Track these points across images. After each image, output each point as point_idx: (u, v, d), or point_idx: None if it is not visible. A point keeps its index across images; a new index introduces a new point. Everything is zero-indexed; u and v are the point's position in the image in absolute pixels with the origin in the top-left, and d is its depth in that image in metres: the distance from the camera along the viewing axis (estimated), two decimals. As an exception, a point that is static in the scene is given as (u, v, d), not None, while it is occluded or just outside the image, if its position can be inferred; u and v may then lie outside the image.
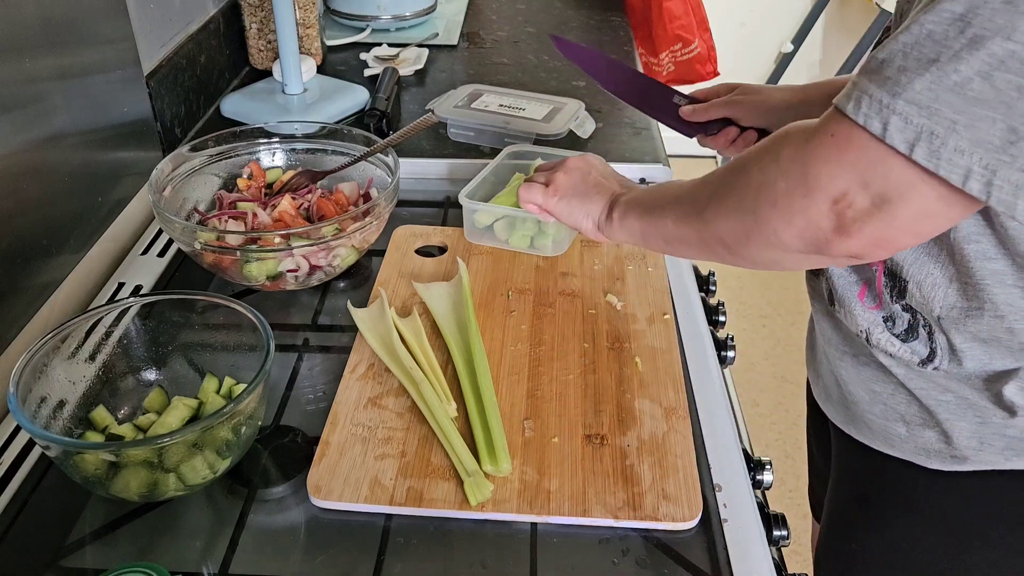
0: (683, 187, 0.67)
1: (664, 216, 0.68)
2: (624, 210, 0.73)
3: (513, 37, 1.58)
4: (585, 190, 0.77)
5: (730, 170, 0.61)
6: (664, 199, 0.69)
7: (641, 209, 0.71)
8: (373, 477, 0.67)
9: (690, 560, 0.62)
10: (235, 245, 0.84)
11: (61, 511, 0.66)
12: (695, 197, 0.64)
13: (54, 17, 0.84)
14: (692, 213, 0.64)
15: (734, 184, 0.59)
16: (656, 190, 0.72)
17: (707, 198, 0.62)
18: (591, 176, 0.79)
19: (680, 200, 0.66)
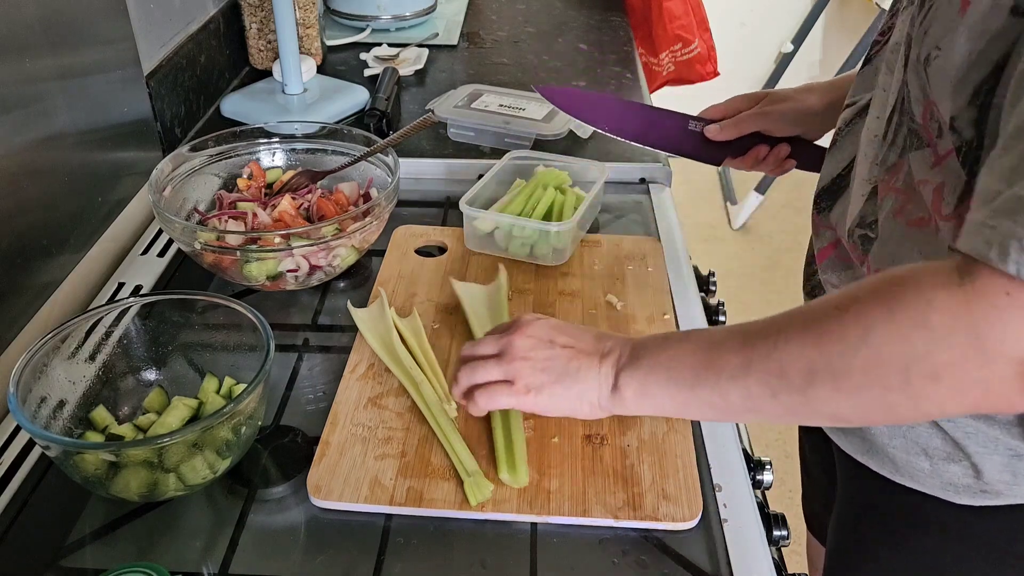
0: (735, 350, 0.54)
1: (718, 388, 0.55)
2: (640, 381, 0.59)
3: (513, 37, 1.58)
4: (562, 368, 0.62)
5: (828, 338, 0.50)
6: (706, 366, 0.56)
7: (667, 377, 0.58)
8: (373, 477, 0.67)
9: (690, 560, 0.62)
10: (235, 245, 0.84)
11: (61, 511, 0.66)
12: (780, 371, 0.52)
13: (54, 17, 0.84)
14: (781, 390, 0.52)
15: (853, 360, 0.49)
16: (679, 348, 0.58)
17: (806, 374, 0.51)
18: (556, 347, 0.63)
19: (748, 371, 0.53)
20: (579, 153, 1.14)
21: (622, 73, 1.43)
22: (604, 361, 0.61)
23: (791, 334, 0.52)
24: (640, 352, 0.60)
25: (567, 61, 1.47)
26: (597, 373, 0.61)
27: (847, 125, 0.73)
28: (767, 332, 0.53)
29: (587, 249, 0.95)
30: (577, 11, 1.72)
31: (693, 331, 0.60)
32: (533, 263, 0.92)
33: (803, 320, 0.52)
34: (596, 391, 0.61)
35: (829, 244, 0.73)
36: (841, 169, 0.73)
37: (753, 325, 0.55)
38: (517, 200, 0.95)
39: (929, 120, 0.58)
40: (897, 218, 0.63)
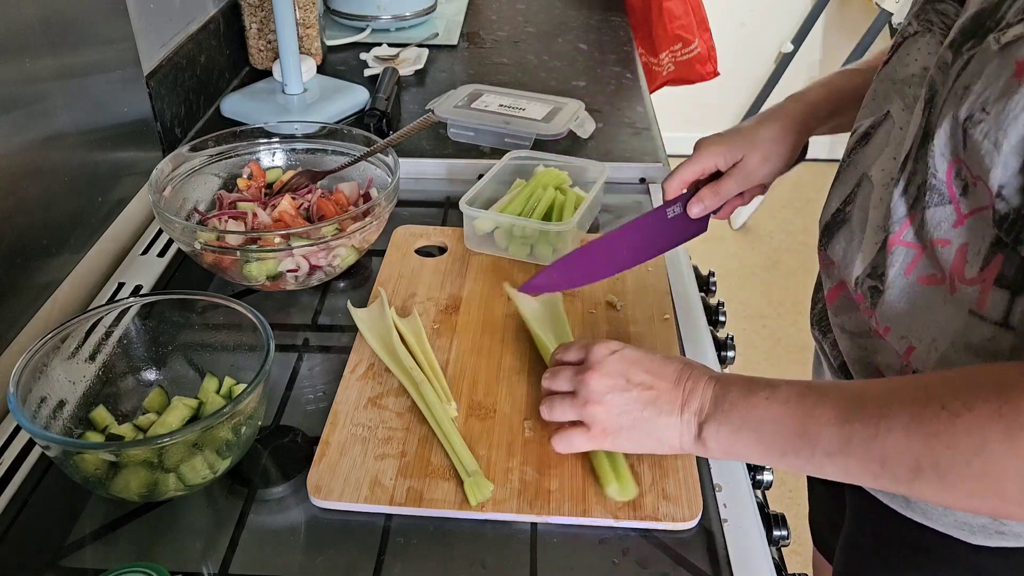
0: (833, 423, 0.52)
1: (812, 460, 0.53)
2: (728, 438, 0.57)
3: (513, 37, 1.58)
4: (640, 413, 0.60)
5: (937, 441, 0.48)
6: (800, 435, 0.53)
7: (757, 439, 0.56)
8: (373, 477, 0.67)
9: (690, 560, 0.62)
10: (235, 245, 0.84)
11: (61, 511, 0.66)
12: (882, 459, 0.50)
13: (54, 17, 0.84)
14: (883, 476, 0.50)
15: (965, 469, 0.47)
16: (770, 409, 0.55)
17: (912, 469, 0.49)
18: (632, 388, 0.61)
19: (847, 451, 0.51)
20: (579, 153, 1.14)
21: (622, 73, 1.43)
22: (686, 408, 0.59)
23: (894, 423, 0.49)
24: (726, 404, 0.57)
25: (567, 61, 1.47)
26: (679, 421, 0.59)
27: (848, 156, 0.69)
28: (868, 412, 0.51)
29: (587, 249, 0.95)
30: (577, 11, 1.72)
31: (783, 385, 0.56)
32: (533, 263, 0.92)
33: (908, 412, 0.49)
34: (678, 437, 0.60)
35: (837, 285, 0.69)
36: (841, 203, 0.69)
37: (850, 393, 0.53)
38: (517, 200, 0.95)
39: (954, 178, 0.55)
40: (907, 275, 0.60)
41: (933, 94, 0.56)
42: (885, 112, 0.65)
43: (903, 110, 0.63)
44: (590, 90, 1.35)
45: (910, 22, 0.64)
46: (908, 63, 0.63)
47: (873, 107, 0.66)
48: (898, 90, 0.63)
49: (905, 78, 0.63)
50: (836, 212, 0.69)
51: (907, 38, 0.64)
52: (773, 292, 2.63)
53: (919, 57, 0.62)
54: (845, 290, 0.68)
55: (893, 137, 0.63)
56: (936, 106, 0.56)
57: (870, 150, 0.66)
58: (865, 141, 0.67)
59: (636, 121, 1.25)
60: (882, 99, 0.65)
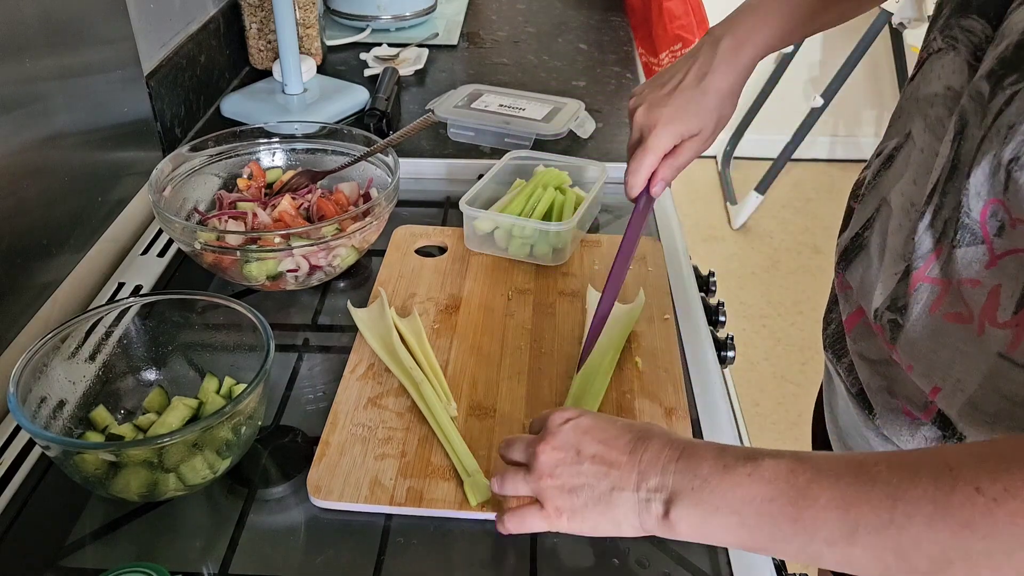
0: (834, 508, 0.45)
1: (808, 549, 0.46)
2: (700, 520, 0.50)
3: (513, 37, 1.58)
4: (593, 490, 0.54)
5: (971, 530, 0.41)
6: (793, 520, 0.46)
7: (739, 523, 0.48)
8: (373, 477, 0.67)
9: (690, 560, 0.62)
10: (235, 245, 0.84)
11: (61, 511, 0.66)
12: (899, 550, 0.43)
13: (54, 17, 0.84)
14: (900, 571, 0.44)
15: (1006, 562, 0.41)
16: (752, 488, 0.48)
17: (938, 562, 0.42)
18: (584, 461, 0.54)
19: (852, 540, 0.44)
20: (579, 153, 1.14)
21: (622, 73, 1.43)
22: (642, 484, 0.52)
23: (914, 511, 0.42)
24: (697, 480, 0.50)
25: (567, 61, 1.48)
26: (635, 498, 0.52)
27: (873, 179, 0.65)
28: (877, 495, 0.44)
29: (587, 249, 0.95)
30: (577, 11, 1.72)
31: (766, 459, 0.48)
32: (533, 263, 0.92)
33: (930, 497, 0.42)
34: (636, 517, 0.52)
35: (856, 311, 0.66)
36: (859, 228, 0.66)
37: (851, 470, 0.46)
38: (517, 200, 0.95)
39: (989, 218, 0.51)
40: (933, 311, 0.56)
41: (964, 125, 0.53)
42: (907, 133, 0.62)
43: (924, 131, 0.60)
44: (590, 90, 1.35)
45: (934, 37, 0.60)
46: (931, 80, 0.60)
47: (899, 127, 0.63)
48: (920, 110, 0.60)
49: (927, 97, 0.60)
50: (855, 236, 0.66)
51: (931, 55, 0.60)
52: (773, 292, 2.63)
53: (942, 75, 0.58)
54: (864, 317, 0.65)
55: (913, 160, 0.60)
56: (968, 139, 0.52)
57: (891, 174, 0.63)
58: (889, 164, 0.64)
59: (636, 121, 1.25)
60: (906, 119, 0.63)
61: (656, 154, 0.76)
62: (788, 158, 2.91)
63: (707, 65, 0.76)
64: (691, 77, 0.76)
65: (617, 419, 0.58)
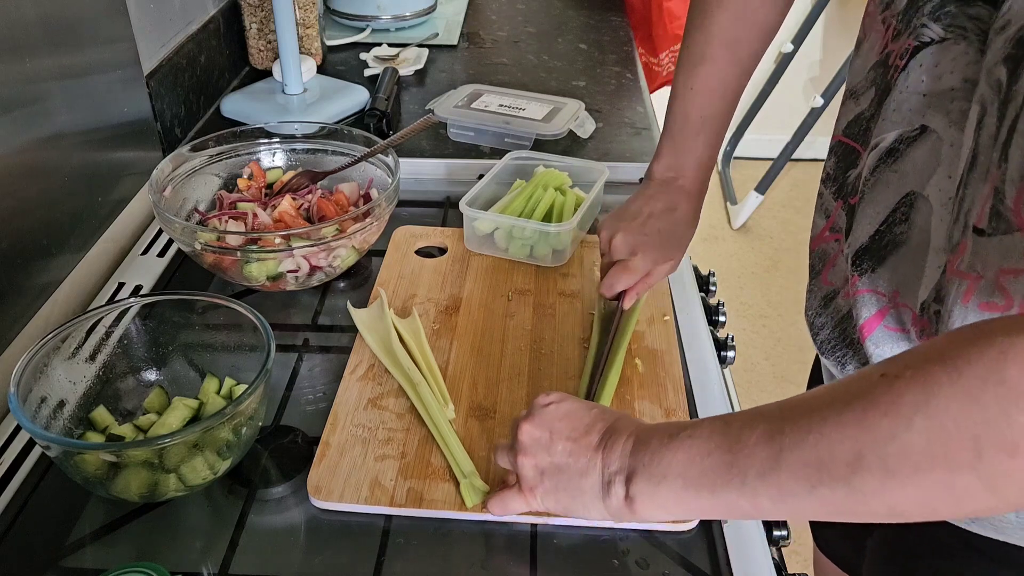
0: (762, 442, 0.46)
1: (744, 490, 0.47)
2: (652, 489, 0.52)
3: (513, 37, 1.58)
4: (562, 473, 0.57)
5: (875, 412, 0.42)
6: (728, 466, 0.48)
7: (683, 485, 0.50)
8: (373, 478, 0.67)
9: (690, 560, 0.62)
10: (235, 245, 0.84)
11: (61, 511, 0.66)
12: (817, 459, 0.44)
13: (54, 17, 0.84)
14: (821, 483, 0.44)
15: (908, 436, 0.41)
16: (693, 448, 0.50)
17: (850, 460, 0.43)
18: (556, 442, 0.57)
19: (778, 465, 0.46)
20: (579, 153, 1.14)
21: (622, 73, 1.43)
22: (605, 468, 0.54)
23: (827, 413, 0.44)
24: (646, 456, 0.52)
25: (567, 61, 1.47)
26: (599, 483, 0.55)
27: (872, 173, 0.63)
28: (798, 415, 0.45)
29: (587, 250, 0.95)
30: (577, 11, 1.72)
31: (705, 422, 0.51)
32: (533, 264, 0.92)
33: (843, 395, 0.44)
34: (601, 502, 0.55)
35: (877, 312, 0.64)
36: (879, 225, 0.63)
37: (779, 408, 0.47)
38: (517, 201, 0.95)
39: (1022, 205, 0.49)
40: (965, 303, 0.55)
41: (983, 114, 0.52)
42: (918, 127, 0.60)
43: (948, 126, 0.58)
44: (590, 90, 1.35)
45: (924, 23, 0.57)
46: (941, 75, 0.57)
47: (897, 120, 0.61)
48: (938, 104, 0.58)
49: (943, 91, 0.58)
50: (875, 235, 0.64)
51: (932, 44, 0.58)
52: (773, 292, 2.63)
53: (956, 68, 0.56)
54: (886, 318, 0.63)
55: (944, 155, 0.58)
56: (986, 128, 0.51)
57: (909, 167, 0.61)
58: (894, 157, 0.62)
59: (636, 121, 1.25)
60: (908, 112, 0.60)
61: (637, 275, 0.82)
62: (788, 158, 2.91)
63: (672, 200, 0.85)
64: (660, 210, 0.84)
65: (595, 407, 0.60)
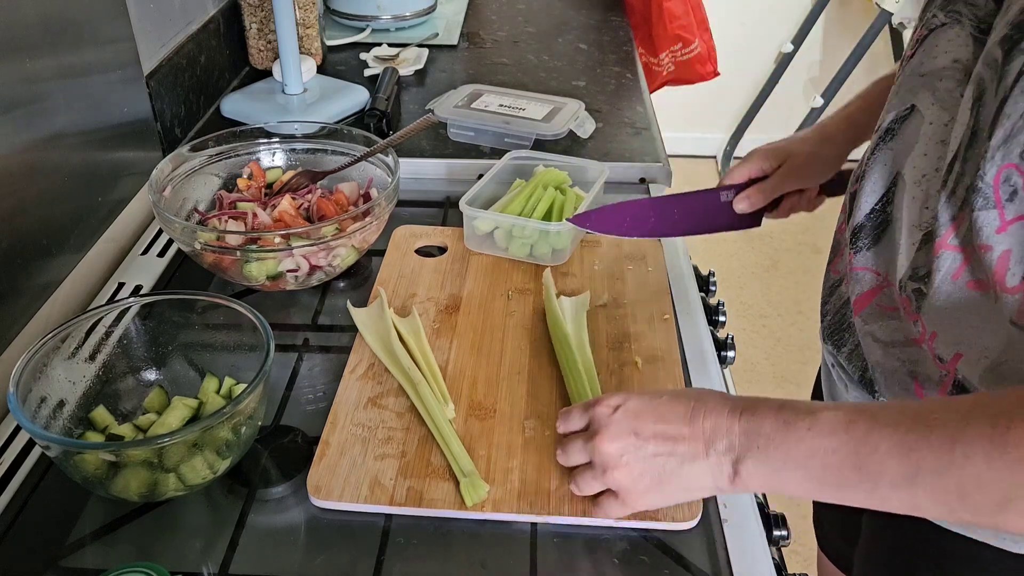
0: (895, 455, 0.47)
1: (875, 494, 0.49)
2: (769, 475, 0.53)
3: (513, 37, 1.58)
4: (663, 466, 0.56)
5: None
6: (856, 468, 0.49)
7: (806, 476, 0.51)
8: (373, 477, 0.67)
9: (690, 560, 0.62)
10: (235, 245, 0.84)
11: (61, 511, 0.66)
12: (960, 491, 0.45)
13: (54, 17, 0.84)
14: (963, 510, 0.46)
15: None
16: (816, 442, 0.50)
17: (998, 501, 0.44)
18: (647, 442, 0.57)
19: (914, 483, 0.47)
20: (579, 153, 1.14)
21: (622, 73, 1.43)
22: (711, 450, 0.55)
23: (973, 451, 0.44)
24: (761, 439, 0.52)
25: (567, 61, 1.47)
26: (706, 465, 0.55)
27: (872, 153, 0.67)
28: (935, 438, 0.46)
29: (587, 249, 0.95)
30: (577, 11, 1.72)
31: (823, 411, 0.51)
32: (533, 263, 0.92)
33: (988, 436, 0.44)
34: (711, 481, 0.55)
35: (869, 290, 0.66)
36: (875, 203, 0.66)
37: (907, 416, 0.48)
38: (517, 200, 0.95)
39: (1002, 183, 0.52)
40: (956, 279, 0.57)
41: (982, 92, 0.54)
42: (909, 107, 0.63)
43: (933, 104, 0.60)
44: (590, 90, 1.35)
45: (934, 14, 0.61)
46: (936, 55, 0.61)
47: (896, 101, 0.64)
48: (927, 84, 0.61)
49: (934, 71, 0.61)
50: (871, 213, 0.66)
51: (933, 30, 0.61)
52: (773, 292, 2.63)
53: (949, 49, 0.59)
54: (879, 296, 0.65)
55: (923, 133, 0.61)
56: (986, 105, 0.53)
57: (898, 146, 0.64)
58: (890, 137, 0.65)
59: (636, 121, 1.25)
60: (905, 93, 0.63)
61: (743, 167, 0.86)
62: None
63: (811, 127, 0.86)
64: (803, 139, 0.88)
65: (662, 392, 0.59)
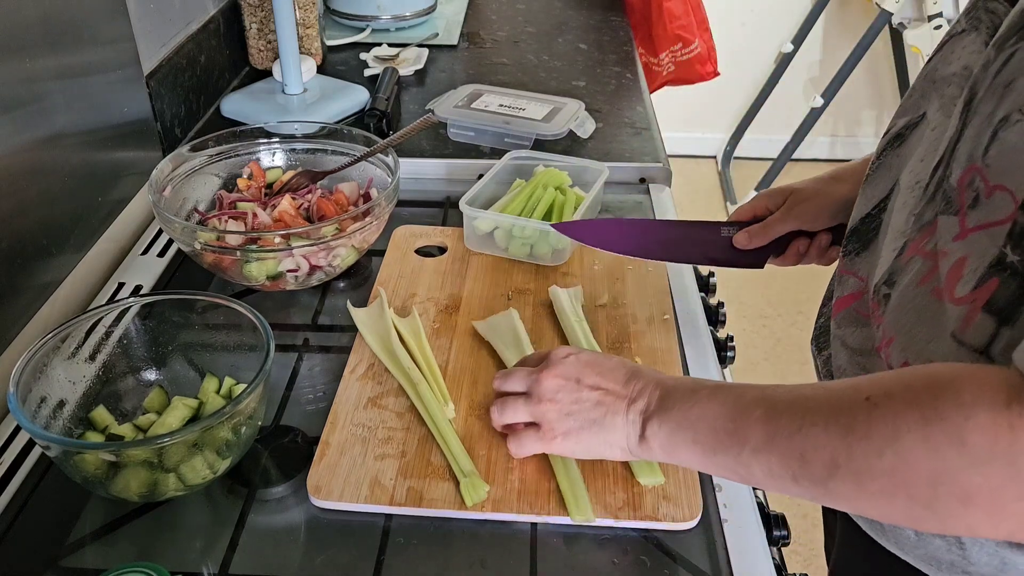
0: (761, 421, 0.51)
1: (740, 459, 0.52)
2: (667, 436, 0.57)
3: (513, 37, 1.58)
4: (589, 413, 0.61)
5: (854, 433, 0.46)
6: (730, 433, 0.52)
7: (692, 439, 0.55)
8: (373, 477, 0.67)
9: (690, 560, 0.62)
10: (235, 245, 0.84)
11: (61, 511, 0.66)
12: (802, 456, 0.48)
13: (54, 17, 0.84)
14: (802, 476, 0.49)
15: (877, 463, 0.45)
16: (707, 407, 0.54)
17: (828, 466, 0.47)
18: (583, 389, 0.61)
19: (770, 448, 0.50)
20: (579, 153, 1.14)
21: (622, 73, 1.43)
22: (632, 408, 0.59)
23: (816, 418, 0.48)
24: (668, 402, 0.57)
25: (567, 61, 1.47)
26: (624, 420, 0.59)
27: (879, 157, 0.66)
28: (793, 409, 0.50)
29: (587, 249, 0.95)
30: (577, 11, 1.72)
31: (722, 387, 0.55)
32: (533, 263, 0.92)
33: (831, 405, 0.48)
34: (624, 438, 0.59)
35: (850, 294, 0.65)
36: (871, 208, 0.65)
37: (781, 393, 0.52)
38: (517, 200, 0.95)
39: (966, 187, 0.51)
40: (921, 285, 0.55)
41: (972, 96, 0.53)
42: (921, 113, 0.62)
43: (938, 111, 0.60)
44: (590, 90, 1.35)
45: (959, 20, 0.61)
46: (950, 61, 0.60)
47: (909, 106, 0.64)
48: (937, 90, 0.61)
49: (945, 77, 0.60)
50: (866, 217, 0.66)
51: (953, 36, 0.61)
52: (773, 292, 2.63)
53: (961, 56, 0.59)
54: (857, 302, 0.65)
55: (925, 139, 0.60)
56: (973, 108, 0.52)
57: (904, 152, 0.63)
58: (899, 142, 0.64)
59: (636, 121, 1.25)
60: (919, 98, 0.63)
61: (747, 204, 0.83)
62: (788, 158, 2.91)
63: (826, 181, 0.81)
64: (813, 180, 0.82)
65: (614, 357, 0.64)
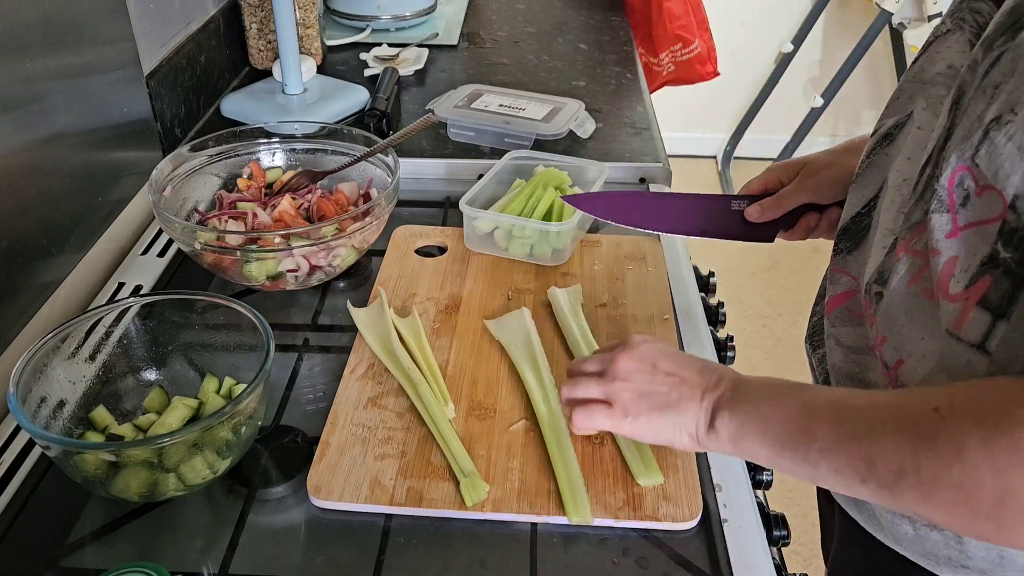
0: (830, 422, 0.52)
1: (808, 458, 0.52)
2: (736, 427, 0.57)
3: (513, 37, 1.58)
4: (663, 397, 0.61)
5: (922, 444, 0.46)
6: (800, 431, 0.53)
7: (761, 431, 0.55)
8: (373, 477, 0.67)
9: (690, 560, 0.62)
10: (235, 245, 0.84)
11: (61, 511, 0.66)
12: (870, 460, 0.49)
13: (54, 17, 0.84)
14: (870, 480, 0.49)
15: (944, 475, 0.45)
16: (778, 403, 0.55)
17: (895, 473, 0.47)
18: (659, 373, 0.62)
19: (838, 450, 0.51)
20: (579, 153, 1.14)
21: (622, 73, 1.43)
22: (707, 395, 0.59)
23: (888, 425, 0.49)
24: (741, 395, 0.57)
25: (567, 61, 1.47)
26: (698, 407, 0.59)
27: (868, 156, 0.66)
28: (864, 414, 0.50)
29: (587, 249, 0.95)
30: (577, 11, 1.72)
31: (797, 386, 0.56)
32: (533, 263, 0.92)
33: (901, 414, 0.49)
34: (694, 425, 0.59)
35: (842, 293, 0.66)
36: (861, 207, 0.66)
37: (853, 397, 0.53)
38: (517, 200, 0.95)
39: (956, 186, 0.52)
40: (911, 284, 0.57)
41: (960, 95, 0.53)
42: (908, 113, 0.62)
43: (924, 110, 0.61)
44: (590, 90, 1.35)
45: (944, 21, 0.61)
46: (936, 61, 0.61)
47: (896, 107, 0.64)
48: (923, 90, 0.61)
49: (931, 77, 0.61)
50: (857, 216, 0.66)
51: (938, 37, 0.61)
52: (773, 292, 2.63)
53: (947, 56, 0.59)
54: (850, 300, 0.65)
55: (911, 138, 0.61)
56: (962, 108, 0.53)
57: (893, 152, 0.64)
58: (887, 142, 0.65)
59: (636, 121, 1.25)
60: (907, 99, 0.63)
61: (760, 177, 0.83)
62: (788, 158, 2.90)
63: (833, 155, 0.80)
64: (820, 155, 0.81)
65: (685, 353, 0.66)
